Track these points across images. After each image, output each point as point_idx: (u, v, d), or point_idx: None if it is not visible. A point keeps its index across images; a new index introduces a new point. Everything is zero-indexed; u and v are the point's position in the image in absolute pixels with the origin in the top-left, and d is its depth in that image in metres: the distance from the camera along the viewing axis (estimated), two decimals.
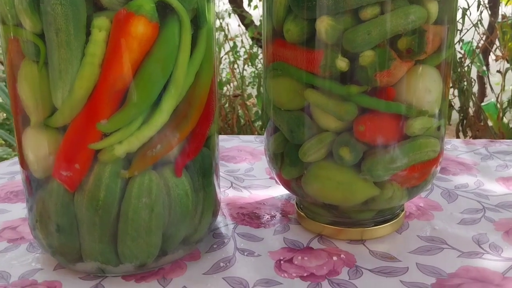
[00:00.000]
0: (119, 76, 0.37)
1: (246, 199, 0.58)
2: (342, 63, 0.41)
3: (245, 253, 0.47)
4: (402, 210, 0.52)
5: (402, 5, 0.40)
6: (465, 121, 1.67)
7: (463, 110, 1.65)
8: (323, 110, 0.43)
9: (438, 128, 0.46)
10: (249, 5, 1.99)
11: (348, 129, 0.44)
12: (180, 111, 0.40)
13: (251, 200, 0.58)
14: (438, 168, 0.49)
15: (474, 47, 1.63)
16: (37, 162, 0.41)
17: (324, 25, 0.41)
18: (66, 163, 0.39)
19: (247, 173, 0.67)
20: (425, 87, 0.43)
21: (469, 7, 1.43)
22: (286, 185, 0.50)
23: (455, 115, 1.75)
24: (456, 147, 0.74)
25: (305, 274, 0.43)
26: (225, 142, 0.80)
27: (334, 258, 0.46)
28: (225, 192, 0.60)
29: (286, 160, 0.48)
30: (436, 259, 0.45)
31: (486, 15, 1.69)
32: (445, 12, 0.43)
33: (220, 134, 1.29)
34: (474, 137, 1.68)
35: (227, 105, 1.48)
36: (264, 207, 0.56)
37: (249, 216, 0.54)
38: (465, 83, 1.57)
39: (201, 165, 0.44)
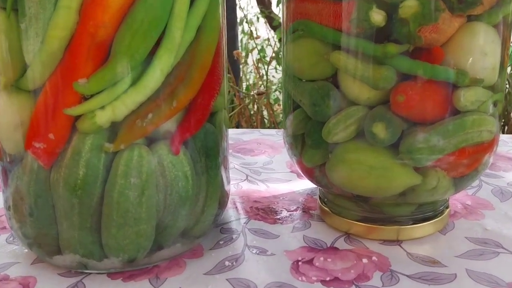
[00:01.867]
0: (101, 24, 0.30)
1: (262, 192, 0.51)
2: (377, 16, 0.34)
3: (256, 252, 0.39)
4: (447, 207, 0.43)
5: None
6: (506, 128, 1.55)
7: (504, 115, 1.54)
8: (353, 77, 0.36)
9: (495, 103, 0.38)
10: (277, 6, 1.93)
11: (384, 101, 0.36)
12: (178, 73, 0.33)
13: (268, 194, 0.50)
14: (492, 158, 0.41)
15: None
16: (8, 132, 0.34)
17: None
18: (39, 132, 0.32)
19: (265, 166, 0.59)
20: (481, 49, 0.35)
21: None
22: (308, 174, 0.42)
23: None
24: (505, 142, 0.65)
25: (327, 279, 0.35)
26: (243, 135, 0.72)
27: (364, 260, 0.38)
28: (238, 185, 0.52)
29: (308, 141, 0.40)
30: (491, 265, 0.37)
31: None
32: None
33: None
34: None
35: (251, 105, 1.41)
36: (283, 201, 0.48)
37: (264, 210, 0.46)
38: (507, 86, 1.46)
39: (203, 143, 0.37)
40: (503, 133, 1.61)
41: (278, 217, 0.45)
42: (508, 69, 1.58)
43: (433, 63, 0.34)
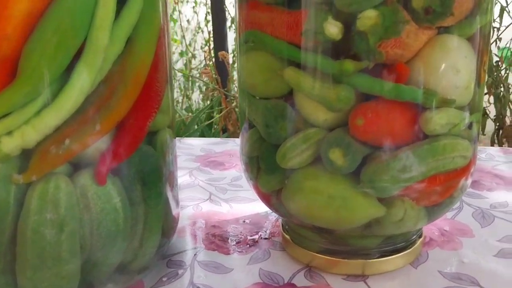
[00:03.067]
0: (3, 34, 0.26)
1: (224, 215, 0.46)
2: (333, 28, 0.29)
3: None
4: (420, 236, 0.39)
5: None
6: (500, 132, 1.51)
7: (499, 119, 1.49)
8: (307, 96, 0.31)
9: (470, 125, 0.33)
10: None
11: (343, 123, 0.31)
12: (102, 91, 0.29)
13: (230, 216, 0.46)
14: (469, 181, 0.37)
15: None
16: None
17: None
18: None
19: (233, 182, 0.55)
20: (452, 66, 0.30)
21: (507, 4, 1.29)
22: (265, 200, 0.38)
23: (490, 125, 1.59)
24: (492, 157, 0.60)
25: None
26: (216, 146, 0.68)
27: None
28: (198, 206, 0.48)
29: (262, 165, 0.36)
30: None
31: None
32: None
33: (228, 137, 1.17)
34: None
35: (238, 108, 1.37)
36: (245, 226, 0.44)
37: (222, 238, 0.42)
38: (502, 89, 1.42)
39: (139, 169, 0.32)
40: (497, 136, 1.57)
41: (236, 245, 0.41)
42: (503, 71, 1.54)
43: (397, 82, 0.30)
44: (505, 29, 1.25)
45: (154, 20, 0.32)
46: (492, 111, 1.52)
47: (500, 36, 1.27)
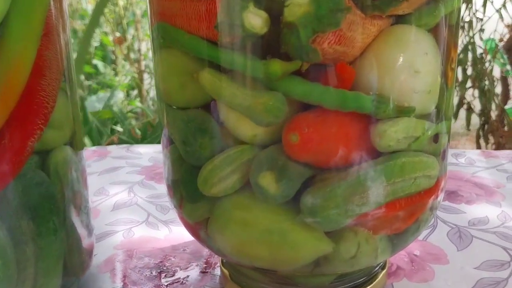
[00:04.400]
0: None
1: (160, 241, 0.40)
2: (255, 20, 0.23)
3: None
4: (384, 268, 0.33)
5: None
6: (486, 126, 1.46)
7: (484, 113, 1.44)
8: (229, 106, 0.25)
9: (436, 137, 0.27)
10: None
11: (276, 139, 0.25)
12: None
13: (167, 243, 0.39)
14: (439, 198, 0.30)
15: (497, 42, 1.42)
16: None
17: None
18: None
19: None
20: (410, 65, 0.24)
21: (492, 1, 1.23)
22: (193, 232, 0.31)
23: (475, 120, 1.54)
24: (472, 161, 0.54)
25: None
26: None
27: None
28: (131, 231, 0.41)
29: (183, 192, 0.29)
30: None
31: (510, 5, 1.48)
32: None
33: None
34: (497, 144, 1.47)
35: None
36: (182, 255, 0.38)
37: (151, 272, 0.35)
38: (487, 82, 1.37)
39: (23, 202, 0.26)
40: (483, 131, 1.52)
41: (166, 282, 0.34)
42: (487, 63, 1.48)
43: (339, 87, 0.23)
44: (488, 20, 1.19)
45: (33, 8, 0.25)
46: (477, 105, 1.47)
47: (483, 28, 1.22)
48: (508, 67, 1.78)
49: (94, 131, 1.21)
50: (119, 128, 1.27)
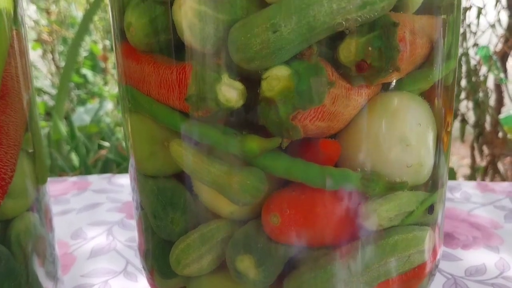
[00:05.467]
0: None
1: None
2: (230, 93, 0.20)
3: None
4: None
5: None
6: (480, 138, 1.44)
7: (478, 125, 1.42)
8: (202, 182, 0.22)
9: (431, 208, 0.25)
10: None
11: (253, 215, 0.23)
12: None
13: None
14: (437, 262, 0.28)
15: (492, 52, 1.40)
16: None
17: (186, 12, 0.20)
18: None
19: None
20: (401, 138, 0.22)
21: (484, 6, 1.21)
22: None
23: (469, 130, 1.52)
24: (468, 196, 0.52)
25: None
26: None
27: None
28: (107, 284, 0.39)
29: (154, 266, 0.26)
30: None
31: (504, 15, 1.47)
32: None
33: None
34: (492, 155, 1.45)
35: None
36: None
37: None
38: (481, 94, 1.35)
39: None
40: (477, 142, 1.50)
41: None
42: (484, 69, 1.47)
43: (323, 163, 0.21)
44: (482, 34, 1.17)
45: None
46: (471, 116, 1.45)
47: (477, 42, 1.20)
48: (502, 75, 1.77)
49: (81, 147, 1.18)
50: (106, 143, 1.24)
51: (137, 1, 0.21)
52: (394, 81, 0.21)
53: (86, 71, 1.91)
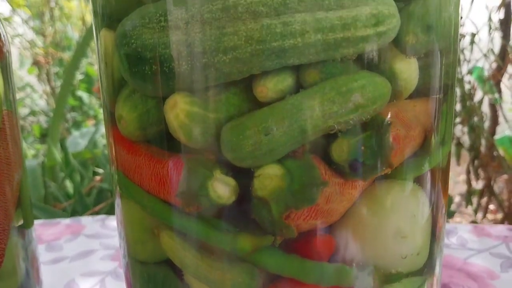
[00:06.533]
0: None
1: None
2: (222, 189, 0.20)
3: None
4: None
5: (338, 72, 0.19)
6: (476, 161, 1.44)
7: (474, 148, 1.42)
8: (192, 276, 0.22)
9: None
10: None
11: None
12: None
13: None
14: None
15: (486, 75, 1.41)
16: None
17: (177, 112, 0.19)
18: None
19: None
20: (396, 231, 0.21)
21: (478, 31, 1.22)
22: None
23: (464, 153, 1.53)
24: (464, 242, 0.52)
25: None
26: None
27: None
28: None
29: None
30: None
31: (497, 37, 1.48)
32: (433, 73, 0.22)
33: None
34: (488, 178, 1.46)
35: None
36: None
37: None
38: (475, 118, 1.35)
39: None
40: (473, 165, 1.50)
41: None
42: (479, 94, 1.47)
43: (317, 259, 0.21)
44: (476, 62, 1.18)
45: None
46: (466, 140, 1.45)
47: (471, 70, 1.21)
48: (496, 95, 1.78)
49: (75, 174, 1.18)
50: (101, 170, 1.23)
51: (128, 93, 0.21)
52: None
53: (81, 93, 1.91)
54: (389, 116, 0.20)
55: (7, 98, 0.25)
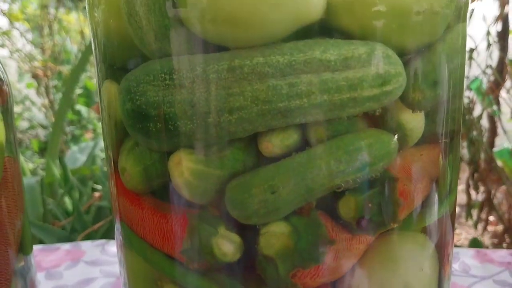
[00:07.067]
0: None
1: None
2: (226, 247, 0.20)
3: None
4: None
5: (344, 129, 0.19)
6: (475, 175, 1.44)
7: (473, 162, 1.42)
8: None
9: None
10: None
11: None
12: None
13: None
14: None
15: (484, 88, 1.41)
16: None
17: (182, 170, 0.19)
18: None
19: None
20: (403, 285, 0.21)
21: (476, 46, 1.22)
22: None
23: (463, 167, 1.52)
24: (467, 269, 0.51)
25: None
26: None
27: None
28: None
29: None
30: None
31: (494, 48, 1.48)
32: (439, 119, 0.22)
33: None
34: (488, 192, 1.45)
35: None
36: None
37: None
38: (475, 132, 1.35)
39: None
40: (472, 179, 1.50)
41: None
42: (479, 108, 1.48)
43: None
44: (474, 80, 1.18)
45: None
46: (465, 154, 1.45)
47: (469, 86, 1.21)
48: (495, 107, 1.78)
49: (74, 191, 1.17)
50: (99, 186, 1.23)
51: (131, 145, 0.21)
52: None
53: (80, 107, 1.91)
54: (396, 170, 0.20)
55: (9, 144, 0.25)
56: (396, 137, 0.20)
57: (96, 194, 1.21)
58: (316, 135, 0.19)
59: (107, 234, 0.92)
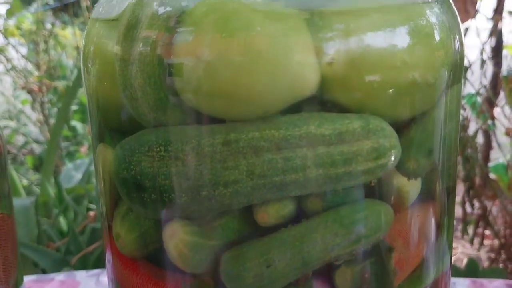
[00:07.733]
0: None
1: None
2: None
3: None
4: None
5: (340, 200, 0.19)
6: (471, 192, 1.44)
7: (468, 178, 1.43)
8: None
9: None
10: None
11: None
12: None
13: None
14: None
15: (479, 103, 1.42)
16: None
17: (176, 242, 0.19)
18: None
19: None
20: None
21: (470, 65, 1.23)
22: None
23: (458, 184, 1.53)
24: None
25: None
26: None
27: None
28: None
29: None
30: None
31: (488, 66, 1.49)
32: (435, 179, 0.22)
33: None
34: (483, 208, 1.46)
35: None
36: None
37: None
38: (469, 150, 1.36)
39: None
40: (468, 196, 1.50)
41: None
42: (473, 126, 1.48)
43: None
44: (467, 97, 1.19)
45: None
46: (460, 170, 1.46)
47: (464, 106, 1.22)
48: (490, 122, 1.79)
49: (69, 210, 1.17)
50: (94, 206, 1.22)
51: (126, 210, 0.21)
52: None
53: (75, 123, 1.91)
54: (392, 238, 0.20)
55: (3, 199, 0.25)
56: (392, 200, 0.20)
57: (91, 213, 1.20)
58: (312, 206, 0.19)
59: (102, 256, 0.92)
